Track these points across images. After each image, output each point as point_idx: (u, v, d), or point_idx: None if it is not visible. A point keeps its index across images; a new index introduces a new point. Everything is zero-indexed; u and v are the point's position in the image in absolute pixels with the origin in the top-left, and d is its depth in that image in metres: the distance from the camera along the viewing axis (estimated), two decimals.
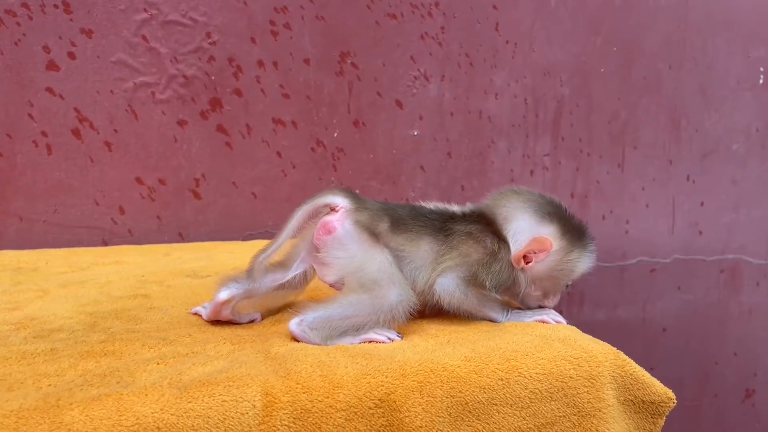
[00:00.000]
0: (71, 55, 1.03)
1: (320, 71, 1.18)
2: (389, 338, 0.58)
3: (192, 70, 1.10)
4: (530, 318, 0.66)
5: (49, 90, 1.03)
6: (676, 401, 0.59)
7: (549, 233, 0.65)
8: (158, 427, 0.43)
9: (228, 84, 1.12)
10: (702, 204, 1.52)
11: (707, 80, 1.50)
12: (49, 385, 0.46)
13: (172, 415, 0.43)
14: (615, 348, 0.58)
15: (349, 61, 1.20)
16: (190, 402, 0.44)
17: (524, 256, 0.64)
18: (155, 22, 1.07)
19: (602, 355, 0.56)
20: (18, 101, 1.01)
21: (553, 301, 0.69)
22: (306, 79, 1.17)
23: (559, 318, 0.66)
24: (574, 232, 0.67)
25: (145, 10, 1.06)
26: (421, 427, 0.49)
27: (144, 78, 1.07)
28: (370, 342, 0.57)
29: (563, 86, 1.37)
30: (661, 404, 0.58)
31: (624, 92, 1.43)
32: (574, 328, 0.63)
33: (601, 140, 1.42)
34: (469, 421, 0.51)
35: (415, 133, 1.26)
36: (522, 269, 0.65)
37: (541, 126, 1.36)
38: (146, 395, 0.44)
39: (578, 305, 1.44)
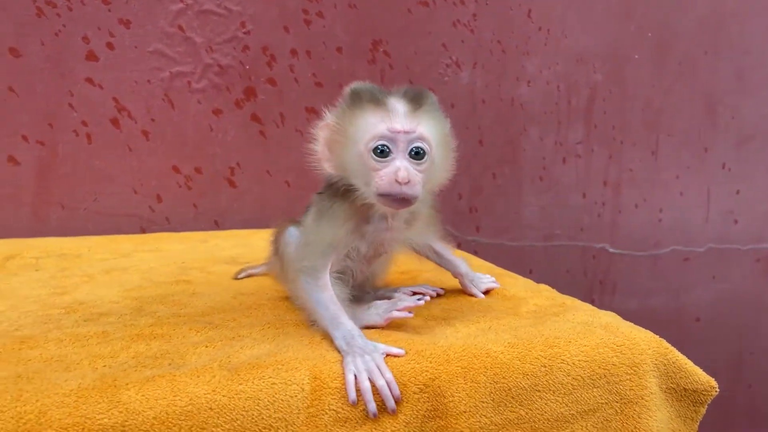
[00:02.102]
0: (110, 46, 1.05)
1: (353, 59, 1.18)
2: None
3: (227, 59, 1.11)
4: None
5: (89, 80, 1.05)
6: (718, 390, 0.58)
7: (333, 114, 0.56)
8: (211, 408, 0.44)
9: (262, 73, 1.13)
10: (738, 192, 1.50)
11: (744, 65, 1.47)
12: (104, 366, 0.48)
13: (223, 396, 0.44)
14: (657, 336, 0.58)
15: (381, 49, 1.20)
16: (240, 384, 0.45)
17: (328, 152, 0.56)
18: (191, 12, 1.08)
19: (645, 343, 0.56)
20: (59, 91, 1.03)
21: (383, 178, 0.52)
22: (339, 68, 1.17)
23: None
24: (347, 97, 0.55)
25: (181, 1, 1.07)
26: (464, 412, 0.49)
27: (180, 67, 1.09)
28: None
29: (596, 73, 1.36)
30: (704, 393, 0.58)
31: (658, 78, 1.41)
32: (615, 315, 0.63)
33: (634, 127, 1.40)
34: (512, 406, 0.51)
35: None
36: (333, 169, 0.56)
37: (573, 113, 1.35)
38: (198, 377, 0.46)
39: (610, 294, 1.43)
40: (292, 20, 1.14)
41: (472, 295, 0.69)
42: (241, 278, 0.78)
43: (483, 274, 0.71)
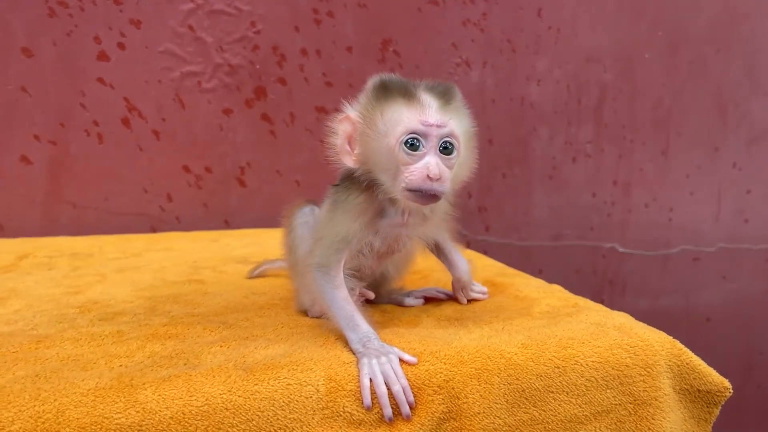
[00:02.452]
0: (121, 46, 1.05)
1: (362, 59, 1.18)
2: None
3: (237, 59, 1.11)
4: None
5: (100, 80, 1.05)
6: (732, 391, 0.58)
7: (354, 107, 0.55)
8: (227, 408, 0.44)
9: (272, 72, 1.13)
10: (748, 192, 1.49)
11: (755, 64, 1.46)
12: (121, 365, 0.48)
13: (239, 396, 0.45)
14: (671, 337, 0.58)
15: (391, 49, 1.20)
16: (256, 384, 0.46)
17: (348, 146, 0.55)
18: (201, 11, 1.08)
19: (658, 344, 0.56)
20: (71, 91, 1.04)
21: (417, 173, 0.51)
22: (348, 67, 1.17)
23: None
24: (375, 90, 0.54)
25: (192, 0, 1.08)
26: (479, 413, 0.49)
27: (190, 67, 1.09)
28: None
29: (606, 72, 1.35)
30: (717, 394, 0.57)
31: (669, 77, 1.40)
32: (628, 315, 0.62)
33: (644, 127, 1.40)
34: (525, 408, 0.51)
35: None
36: (356, 163, 0.55)
37: (583, 112, 1.35)
38: (214, 377, 0.46)
39: (620, 294, 1.42)
40: (302, 20, 1.14)
41: (455, 299, 0.68)
42: (254, 276, 0.78)
43: (478, 284, 0.69)
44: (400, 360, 0.50)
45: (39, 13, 1.01)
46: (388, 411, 0.47)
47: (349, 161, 0.55)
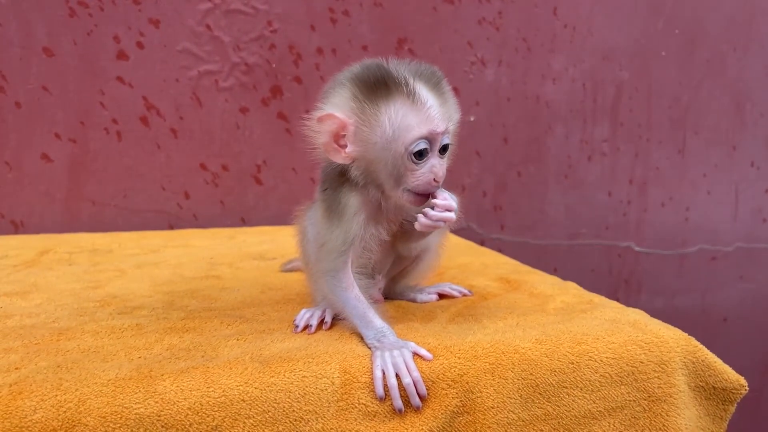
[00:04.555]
0: (139, 45, 1.07)
1: (378, 57, 1.18)
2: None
3: (254, 58, 1.12)
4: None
5: (119, 79, 1.07)
6: (748, 388, 0.58)
7: (336, 103, 0.52)
8: (243, 400, 0.45)
9: (288, 71, 1.14)
10: (767, 191, 1.48)
11: None
12: (140, 357, 0.49)
13: (255, 388, 0.45)
14: (686, 334, 0.58)
15: (406, 47, 1.20)
16: (272, 376, 0.46)
17: (336, 144, 0.52)
18: (219, 11, 1.09)
19: (673, 341, 0.56)
20: (90, 90, 1.06)
21: (420, 177, 0.52)
22: None
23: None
24: (371, 86, 0.50)
25: (209, 0, 1.09)
26: (492, 407, 0.50)
27: (208, 66, 1.10)
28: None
29: (622, 70, 1.35)
30: (733, 391, 0.57)
31: (686, 76, 1.39)
32: (642, 312, 0.62)
33: (661, 125, 1.39)
34: (539, 403, 0.51)
35: (472, 119, 1.26)
36: (348, 160, 0.53)
37: (599, 111, 1.34)
38: (231, 369, 0.47)
39: (635, 293, 1.42)
40: (318, 19, 1.15)
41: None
42: (286, 271, 0.79)
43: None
44: (416, 354, 0.50)
45: (60, 13, 1.03)
46: (398, 402, 0.47)
47: (339, 158, 0.53)
